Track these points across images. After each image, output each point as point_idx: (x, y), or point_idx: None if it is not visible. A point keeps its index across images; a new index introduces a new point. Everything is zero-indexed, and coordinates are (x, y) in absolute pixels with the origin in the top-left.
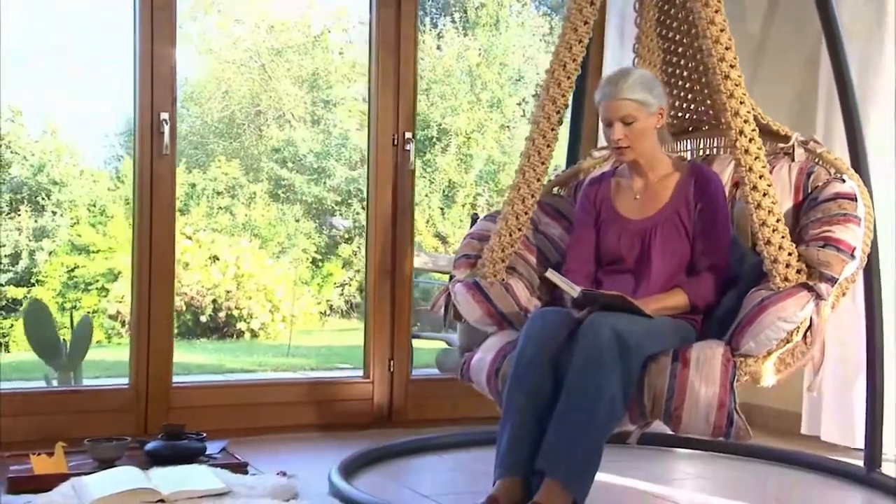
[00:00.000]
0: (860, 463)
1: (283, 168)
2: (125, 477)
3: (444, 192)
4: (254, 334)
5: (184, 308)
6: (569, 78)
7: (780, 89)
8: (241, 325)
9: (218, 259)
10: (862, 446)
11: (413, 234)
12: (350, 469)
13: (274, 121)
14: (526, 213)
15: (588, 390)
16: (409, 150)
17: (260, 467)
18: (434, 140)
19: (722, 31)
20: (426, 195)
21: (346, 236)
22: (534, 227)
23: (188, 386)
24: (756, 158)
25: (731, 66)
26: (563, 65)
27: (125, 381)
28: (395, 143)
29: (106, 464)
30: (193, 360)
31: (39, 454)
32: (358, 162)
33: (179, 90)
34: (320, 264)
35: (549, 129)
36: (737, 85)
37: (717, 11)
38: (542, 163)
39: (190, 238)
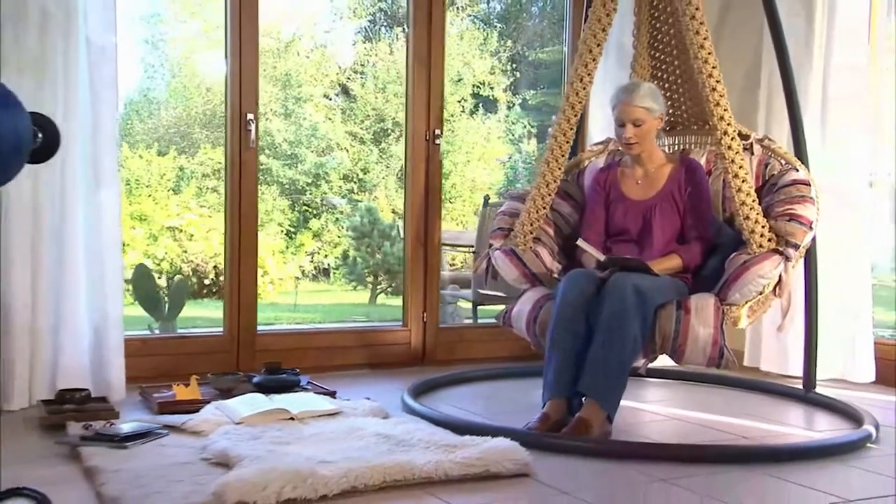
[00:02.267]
0: (798, 386)
1: (262, 154)
2: (258, 401)
3: (397, 175)
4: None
5: (190, 273)
6: (585, 88)
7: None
8: None
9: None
10: (794, 374)
11: (440, 211)
12: (416, 393)
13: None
14: (550, 195)
15: (616, 331)
16: (438, 144)
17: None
18: (389, 131)
19: (710, 53)
20: (384, 178)
21: (315, 212)
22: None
23: (268, 333)
24: (737, 153)
25: (717, 82)
26: (580, 77)
27: (220, 329)
28: (427, 138)
29: (225, 393)
30: (210, 315)
31: (179, 384)
32: (325, 149)
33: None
34: (293, 236)
35: (568, 128)
36: (721, 96)
37: (705, 38)
38: (563, 155)
39: (191, 211)
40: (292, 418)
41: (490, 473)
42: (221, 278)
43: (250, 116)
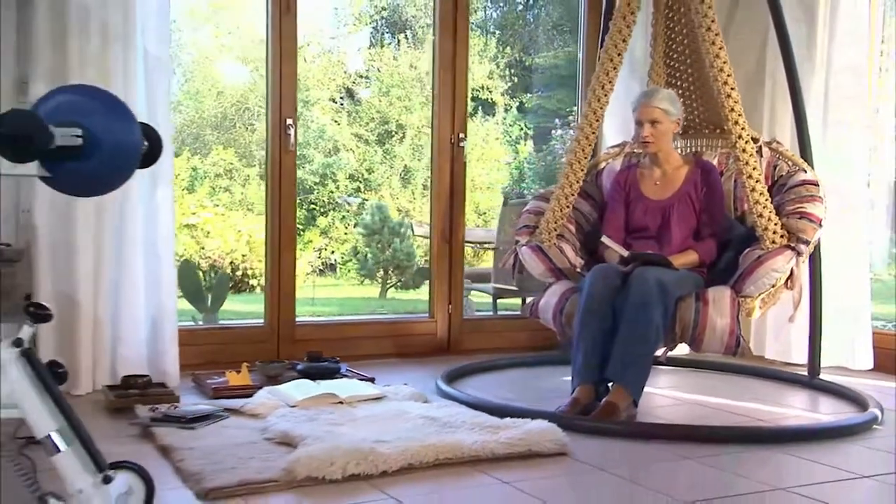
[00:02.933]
0: (802, 372)
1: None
2: (308, 386)
3: (401, 174)
4: (263, 289)
5: (208, 268)
6: (606, 95)
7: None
8: (252, 282)
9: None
10: (797, 362)
11: (464, 210)
12: (449, 379)
13: (262, 116)
14: (573, 195)
15: (641, 322)
16: (462, 146)
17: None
18: (392, 133)
19: (725, 62)
20: (388, 177)
21: (322, 210)
22: None
23: (306, 324)
24: (750, 155)
25: (732, 89)
26: (601, 85)
27: (261, 320)
28: (452, 142)
29: (272, 379)
30: (235, 309)
31: (231, 371)
32: (331, 150)
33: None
34: (301, 233)
35: (591, 132)
36: (736, 102)
37: (721, 49)
38: (585, 157)
39: (206, 209)
40: (341, 402)
41: (532, 452)
42: (238, 273)
43: (289, 121)
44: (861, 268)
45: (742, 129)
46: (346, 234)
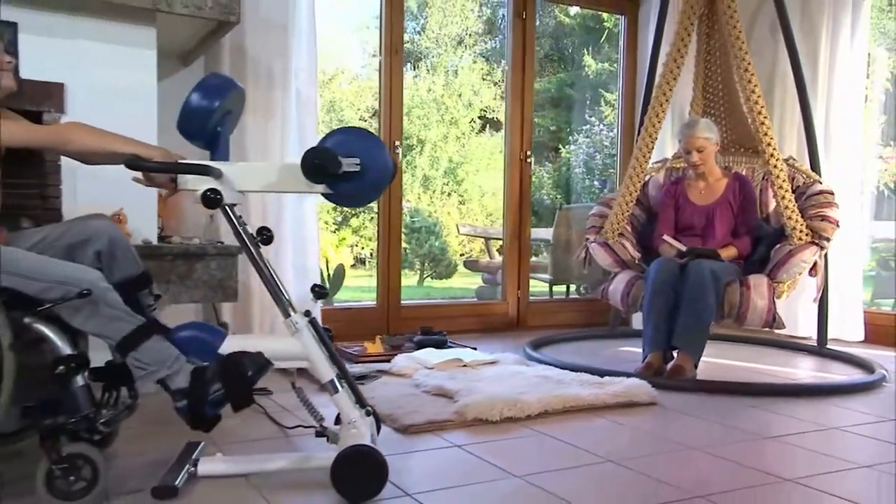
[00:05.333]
0: (810, 343)
1: None
2: (437, 353)
3: (421, 182)
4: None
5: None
6: (660, 121)
7: None
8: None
9: None
10: (804, 335)
11: (529, 214)
12: (534, 346)
13: None
14: (632, 201)
15: (699, 301)
16: (529, 162)
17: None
18: (414, 147)
19: (759, 96)
20: (411, 185)
21: (354, 212)
22: None
23: (408, 305)
24: (780, 170)
25: (765, 117)
26: (660, 103)
27: (373, 301)
28: (521, 158)
29: (396, 349)
30: None
31: (367, 342)
32: None
33: None
34: (335, 232)
35: (647, 151)
36: (768, 127)
37: (756, 85)
38: (643, 171)
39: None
40: (465, 365)
41: (632, 402)
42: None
43: (397, 143)
44: (855, 258)
45: (773, 149)
46: (376, 232)
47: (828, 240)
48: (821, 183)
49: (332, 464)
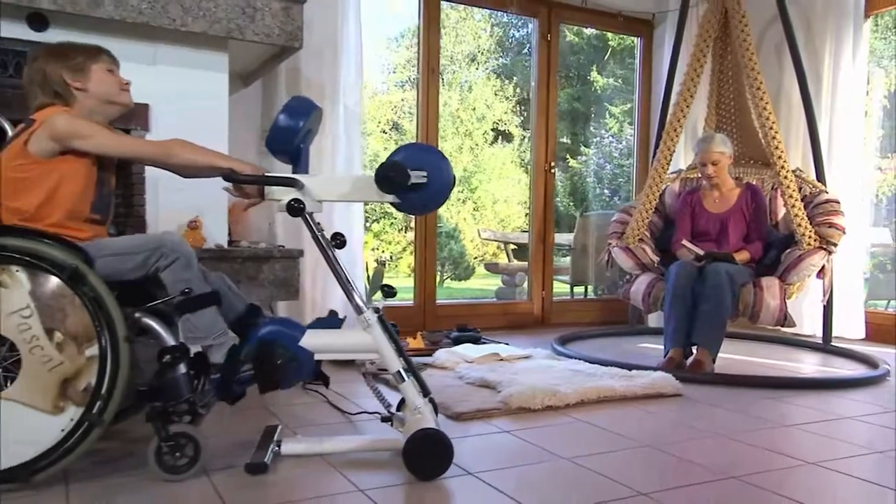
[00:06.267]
0: (815, 340)
1: None
2: (474, 347)
3: None
4: None
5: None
6: (678, 135)
7: None
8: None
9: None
10: (809, 333)
11: (553, 221)
12: (562, 342)
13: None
14: (651, 209)
15: (716, 302)
16: (553, 172)
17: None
18: None
19: (771, 112)
20: None
21: (375, 218)
22: None
23: (442, 304)
24: (791, 181)
25: (776, 132)
26: (677, 119)
27: (411, 301)
28: (545, 168)
29: (434, 344)
30: None
31: (409, 338)
32: None
33: None
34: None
35: (665, 163)
36: (779, 142)
37: (767, 103)
38: (662, 181)
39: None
40: (502, 359)
41: (659, 393)
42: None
43: None
44: (857, 260)
45: (784, 161)
46: (394, 237)
47: (835, 245)
48: (827, 192)
49: (404, 445)
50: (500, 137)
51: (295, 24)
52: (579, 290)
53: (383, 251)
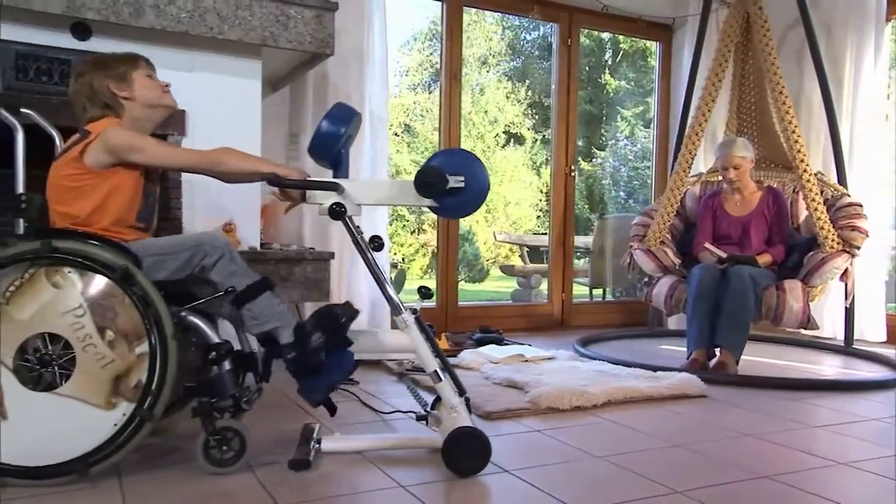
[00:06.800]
0: (836, 343)
1: None
2: (498, 348)
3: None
4: None
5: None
6: (700, 139)
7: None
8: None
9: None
10: (829, 336)
11: (573, 224)
12: (583, 344)
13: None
14: (672, 212)
15: (740, 304)
16: (573, 176)
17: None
18: None
19: (793, 116)
20: None
21: (388, 221)
22: None
23: (464, 306)
24: (813, 185)
25: (799, 136)
26: (699, 123)
27: (433, 303)
28: (566, 172)
29: (458, 345)
30: None
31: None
32: (394, 174)
33: None
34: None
35: (686, 166)
36: (802, 146)
37: (790, 107)
38: (683, 184)
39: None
40: (527, 360)
41: (685, 394)
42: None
43: None
44: (879, 264)
45: (807, 165)
46: (406, 238)
47: (858, 248)
48: (849, 196)
49: (443, 443)
50: (511, 140)
51: (326, 32)
52: (597, 292)
53: (395, 253)
